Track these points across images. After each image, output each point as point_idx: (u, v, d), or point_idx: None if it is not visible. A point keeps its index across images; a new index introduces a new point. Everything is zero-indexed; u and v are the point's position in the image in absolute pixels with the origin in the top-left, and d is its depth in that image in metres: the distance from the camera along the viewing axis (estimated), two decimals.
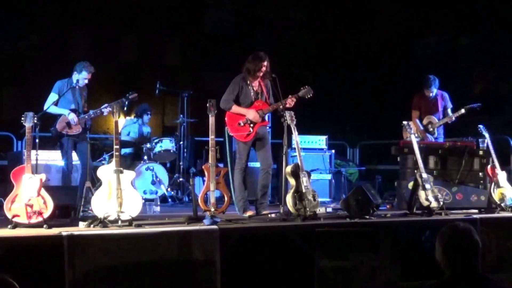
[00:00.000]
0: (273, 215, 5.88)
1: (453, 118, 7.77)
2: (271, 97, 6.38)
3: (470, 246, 3.00)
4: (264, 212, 6.11)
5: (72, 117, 6.68)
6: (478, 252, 3.01)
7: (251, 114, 6.17)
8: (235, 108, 6.21)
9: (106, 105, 6.72)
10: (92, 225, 4.75)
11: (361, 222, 5.48)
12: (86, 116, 6.79)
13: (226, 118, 6.26)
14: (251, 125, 6.18)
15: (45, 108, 6.61)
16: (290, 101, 6.12)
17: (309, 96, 6.23)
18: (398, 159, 7.47)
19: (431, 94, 7.91)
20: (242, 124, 6.19)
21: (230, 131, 6.23)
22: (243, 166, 6.20)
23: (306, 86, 6.24)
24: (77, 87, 6.79)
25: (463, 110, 7.74)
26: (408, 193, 6.47)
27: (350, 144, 11.50)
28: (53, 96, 6.75)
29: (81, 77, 6.79)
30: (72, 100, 6.84)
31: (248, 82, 6.26)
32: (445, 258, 3.00)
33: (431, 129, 7.84)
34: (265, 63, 6.16)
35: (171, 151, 8.58)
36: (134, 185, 6.48)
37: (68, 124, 6.69)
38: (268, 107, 6.27)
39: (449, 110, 7.94)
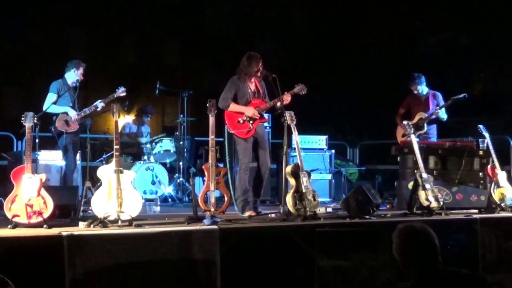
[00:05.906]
0: (273, 215, 5.88)
1: (438, 111, 7.63)
2: (267, 97, 6.42)
3: (427, 247, 3.06)
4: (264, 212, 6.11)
5: (73, 114, 6.83)
6: (437, 252, 3.06)
7: (249, 111, 6.17)
8: (233, 106, 6.21)
9: (99, 100, 6.92)
10: (92, 225, 4.74)
11: (361, 222, 5.47)
12: (82, 113, 6.91)
13: (225, 117, 6.25)
14: (251, 122, 6.18)
15: (44, 108, 6.66)
16: (287, 97, 6.15)
17: (303, 92, 6.30)
18: (398, 159, 7.47)
19: (419, 92, 7.89)
20: (241, 121, 6.19)
21: (230, 129, 6.22)
22: (248, 165, 6.15)
23: (300, 84, 6.32)
24: (74, 85, 6.92)
25: (449, 102, 7.66)
26: (408, 193, 6.46)
27: (350, 144, 11.49)
28: (52, 96, 6.83)
29: (78, 73, 6.98)
30: (70, 99, 6.95)
31: (245, 82, 6.29)
32: (402, 257, 3.09)
33: (421, 125, 7.74)
34: (260, 62, 6.26)
35: (171, 151, 8.59)
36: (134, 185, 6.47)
37: (67, 122, 6.78)
38: (265, 104, 6.29)
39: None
